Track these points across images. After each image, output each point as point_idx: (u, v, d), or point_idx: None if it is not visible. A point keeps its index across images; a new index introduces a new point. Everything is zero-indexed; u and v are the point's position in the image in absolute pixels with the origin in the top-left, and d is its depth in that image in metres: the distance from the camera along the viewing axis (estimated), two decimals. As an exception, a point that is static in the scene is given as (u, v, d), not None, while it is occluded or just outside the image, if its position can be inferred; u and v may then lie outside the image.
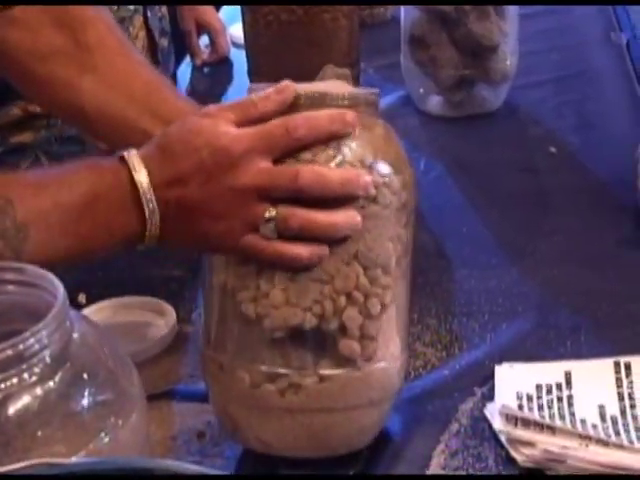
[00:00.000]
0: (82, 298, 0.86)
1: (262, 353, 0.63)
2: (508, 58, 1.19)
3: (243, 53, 1.23)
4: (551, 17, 1.46)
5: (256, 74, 1.22)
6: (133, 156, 0.63)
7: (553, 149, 1.11)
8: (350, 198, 0.62)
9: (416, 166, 1.10)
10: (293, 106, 0.63)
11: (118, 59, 0.84)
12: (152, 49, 1.31)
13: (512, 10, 1.18)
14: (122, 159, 0.63)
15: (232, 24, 1.47)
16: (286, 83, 0.64)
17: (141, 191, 0.62)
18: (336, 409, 0.65)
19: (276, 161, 0.63)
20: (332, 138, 0.62)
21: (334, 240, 0.62)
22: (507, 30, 1.17)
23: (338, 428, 0.66)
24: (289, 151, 0.62)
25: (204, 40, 1.48)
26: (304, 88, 0.64)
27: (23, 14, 0.82)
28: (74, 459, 0.43)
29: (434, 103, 1.23)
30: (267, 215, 0.62)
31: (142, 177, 0.62)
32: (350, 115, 0.63)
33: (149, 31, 1.30)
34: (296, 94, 0.63)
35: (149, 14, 1.29)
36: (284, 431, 0.66)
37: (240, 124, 0.63)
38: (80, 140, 1.20)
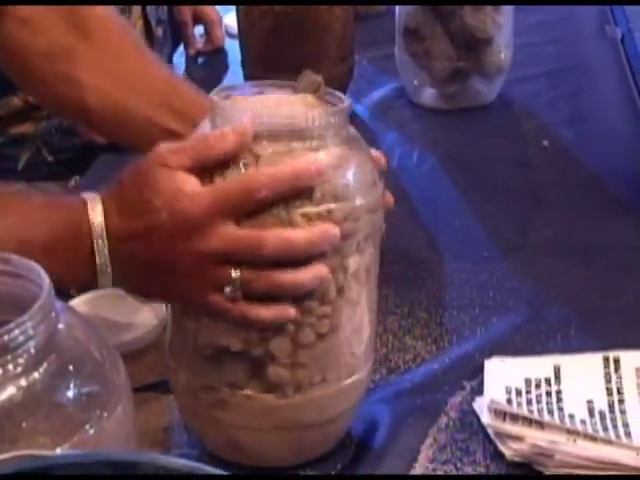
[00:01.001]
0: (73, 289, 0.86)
1: (199, 365, 0.64)
2: (502, 51, 1.19)
3: (237, 43, 1.23)
4: (546, 10, 1.46)
5: (250, 64, 1.21)
6: (95, 203, 0.62)
7: (546, 142, 1.11)
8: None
9: (409, 159, 1.11)
10: (256, 139, 0.60)
11: (131, 56, 0.84)
12: (149, 38, 1.31)
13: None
14: (84, 203, 0.62)
15: (226, 14, 1.47)
16: (246, 123, 0.60)
17: (95, 241, 0.61)
18: (263, 429, 0.65)
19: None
20: (297, 194, 0.60)
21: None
22: (502, 23, 1.17)
23: (266, 445, 0.66)
24: (251, 212, 0.60)
25: (199, 30, 1.47)
26: (268, 121, 0.60)
27: (33, 14, 0.82)
28: (58, 451, 0.42)
29: (428, 95, 1.22)
30: (231, 277, 0.60)
31: (98, 227, 0.61)
32: (317, 166, 0.59)
33: (146, 20, 1.29)
34: (257, 133, 0.60)
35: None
36: (218, 441, 0.67)
37: (198, 169, 0.61)
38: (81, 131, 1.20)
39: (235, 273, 0.60)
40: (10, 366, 0.44)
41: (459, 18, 1.15)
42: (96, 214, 0.61)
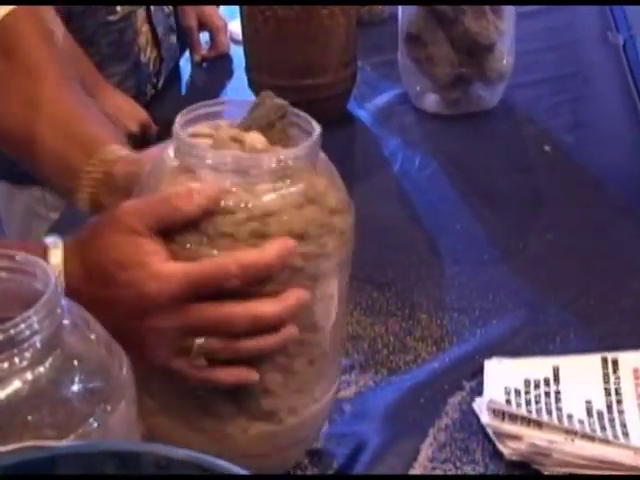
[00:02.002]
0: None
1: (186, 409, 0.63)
2: (504, 57, 1.20)
3: (242, 49, 1.24)
4: (549, 16, 1.47)
5: (254, 70, 1.23)
6: (56, 249, 0.59)
7: (547, 147, 1.12)
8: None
9: (411, 163, 1.12)
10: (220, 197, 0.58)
11: (46, 83, 0.79)
12: (156, 44, 1.32)
13: (509, 9, 1.19)
14: (45, 248, 0.60)
15: (232, 20, 1.48)
16: (212, 187, 0.58)
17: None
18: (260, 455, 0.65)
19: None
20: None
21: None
22: (504, 29, 1.18)
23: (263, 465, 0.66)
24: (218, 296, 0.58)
25: (204, 37, 1.48)
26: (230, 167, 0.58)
27: None
28: (63, 442, 0.43)
29: (430, 101, 1.23)
30: (196, 346, 0.58)
31: (55, 269, 0.58)
32: (290, 247, 0.58)
33: (152, 25, 1.30)
34: (219, 198, 0.58)
35: (152, 9, 1.30)
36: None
37: (162, 230, 0.58)
38: None
39: (199, 341, 0.58)
40: (16, 360, 0.44)
41: (461, 24, 1.16)
42: (56, 259, 0.59)
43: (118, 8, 1.22)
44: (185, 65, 1.47)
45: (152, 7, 1.30)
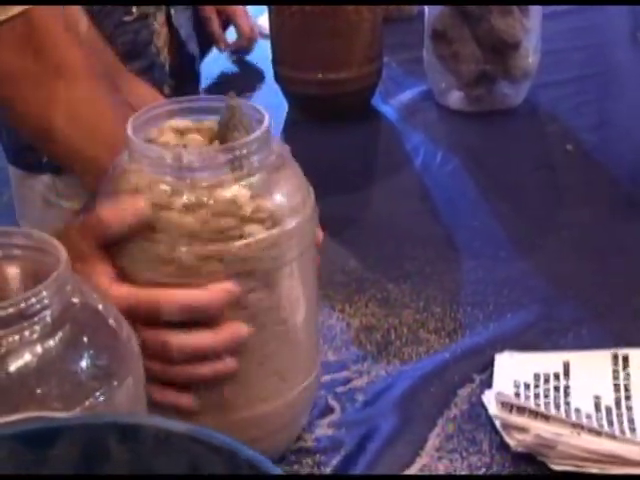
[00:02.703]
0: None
1: None
2: (530, 55, 1.20)
3: (269, 43, 1.25)
4: (577, 16, 1.46)
5: (280, 63, 1.24)
6: None
7: (570, 146, 1.12)
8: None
9: (433, 159, 1.12)
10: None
11: (79, 84, 0.81)
12: (175, 47, 1.32)
13: (536, 8, 1.19)
14: None
15: (259, 15, 1.49)
16: (140, 204, 0.60)
17: None
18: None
19: None
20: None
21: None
22: (530, 27, 1.18)
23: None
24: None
25: (231, 35, 1.49)
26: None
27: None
28: (66, 414, 0.45)
29: (454, 98, 1.24)
30: None
31: None
32: (230, 288, 0.60)
33: (171, 28, 1.31)
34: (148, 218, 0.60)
35: (172, 11, 1.30)
36: None
37: (96, 246, 0.61)
38: None
39: None
40: (26, 333, 0.46)
41: (487, 21, 1.16)
42: None
43: (134, 9, 1.23)
44: (210, 62, 1.48)
45: (172, 10, 1.31)
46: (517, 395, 0.72)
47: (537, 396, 0.72)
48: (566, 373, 0.74)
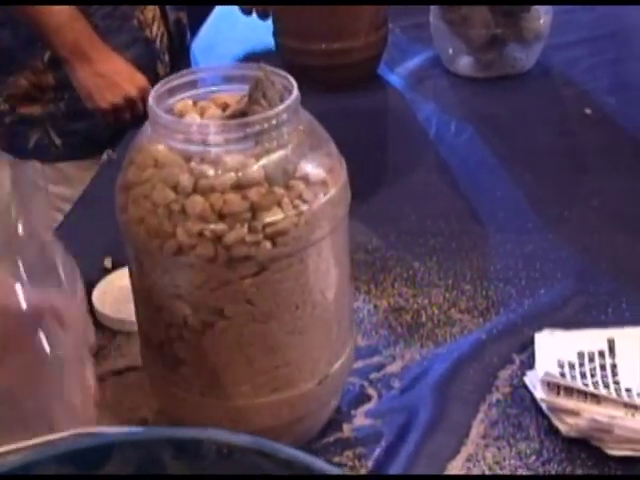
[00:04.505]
0: (108, 262, 0.84)
1: None
2: (542, 17, 1.16)
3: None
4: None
5: (283, 34, 1.19)
6: None
7: (588, 110, 1.08)
8: None
9: (447, 129, 1.08)
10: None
11: None
12: (164, 21, 1.28)
13: (546, -33, 1.15)
14: None
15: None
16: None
17: None
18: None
19: None
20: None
21: None
22: (541, -13, 1.14)
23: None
24: None
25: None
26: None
27: None
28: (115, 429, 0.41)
29: (464, 63, 1.19)
30: None
31: None
32: None
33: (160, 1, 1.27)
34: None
35: None
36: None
37: None
38: (89, 115, 1.18)
39: None
40: None
41: (497, -17, 1.12)
42: None
43: None
44: (207, 33, 1.43)
45: None
46: (562, 375, 0.69)
47: (583, 375, 0.69)
48: (611, 351, 0.71)
